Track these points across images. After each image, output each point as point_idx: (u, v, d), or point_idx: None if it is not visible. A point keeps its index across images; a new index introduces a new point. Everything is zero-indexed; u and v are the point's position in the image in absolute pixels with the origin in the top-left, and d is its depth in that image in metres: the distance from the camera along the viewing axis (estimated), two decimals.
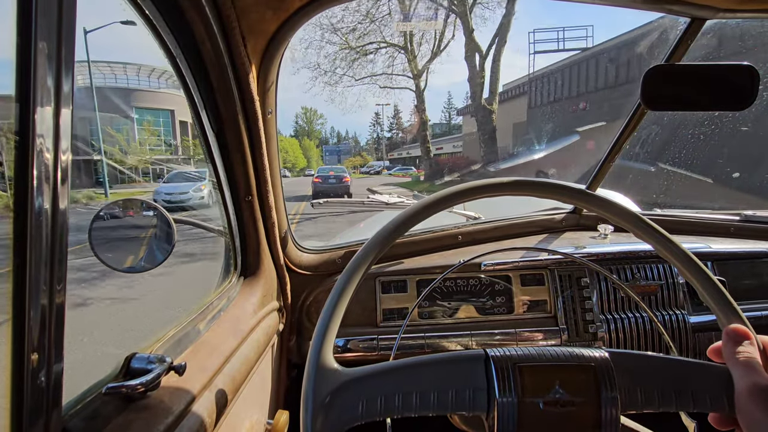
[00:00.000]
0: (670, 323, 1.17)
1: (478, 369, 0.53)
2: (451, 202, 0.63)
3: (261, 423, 0.95)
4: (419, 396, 0.52)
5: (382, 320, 1.21)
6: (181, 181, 11.05)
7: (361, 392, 0.52)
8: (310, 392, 0.51)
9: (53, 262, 0.39)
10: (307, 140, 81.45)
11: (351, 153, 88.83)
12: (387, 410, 0.52)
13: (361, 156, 73.98)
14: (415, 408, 0.52)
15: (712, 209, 1.64)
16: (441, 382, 0.53)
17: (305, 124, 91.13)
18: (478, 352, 0.55)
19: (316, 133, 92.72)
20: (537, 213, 1.55)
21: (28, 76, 0.36)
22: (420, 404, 0.52)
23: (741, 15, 0.97)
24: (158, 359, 0.60)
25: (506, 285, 1.23)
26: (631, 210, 0.62)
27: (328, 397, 0.51)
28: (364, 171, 50.59)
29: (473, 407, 0.52)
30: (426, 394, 0.52)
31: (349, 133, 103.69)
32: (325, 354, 0.54)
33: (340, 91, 31.53)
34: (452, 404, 0.52)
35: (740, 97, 0.91)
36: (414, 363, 0.54)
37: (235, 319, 0.90)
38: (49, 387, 0.40)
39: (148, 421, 0.56)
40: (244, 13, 0.80)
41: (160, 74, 27.22)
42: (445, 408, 0.52)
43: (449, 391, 0.52)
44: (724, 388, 0.51)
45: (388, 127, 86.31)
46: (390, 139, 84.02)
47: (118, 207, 0.87)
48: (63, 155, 0.40)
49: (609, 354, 0.54)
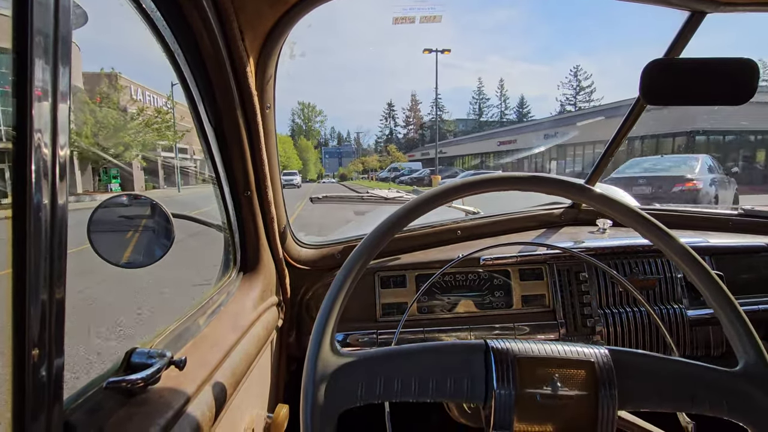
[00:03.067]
0: (668, 317, 1.18)
1: (478, 359, 0.54)
2: (450, 197, 0.63)
3: (261, 417, 0.95)
4: (418, 381, 0.52)
5: (381, 315, 1.21)
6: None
7: (361, 374, 0.52)
8: (311, 372, 0.52)
9: (53, 258, 0.40)
10: (304, 140, 69.90)
11: (353, 156, 78.47)
12: (386, 393, 0.52)
13: (386, 153, 54.58)
14: (414, 393, 0.52)
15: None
16: (440, 369, 0.53)
17: (303, 122, 79.34)
18: (479, 342, 0.55)
19: (314, 133, 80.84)
20: (536, 208, 1.55)
21: (25, 72, 0.36)
22: (418, 389, 0.52)
23: (741, 9, 0.97)
24: (158, 354, 0.61)
25: (505, 279, 1.23)
26: (629, 205, 0.62)
27: (327, 379, 0.52)
28: (382, 177, 38.62)
29: (471, 396, 0.52)
30: (425, 380, 0.52)
31: (350, 134, 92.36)
32: (325, 338, 0.54)
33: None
34: (450, 391, 0.52)
35: (740, 91, 0.91)
36: (414, 349, 0.55)
37: (234, 314, 0.90)
38: (51, 382, 0.41)
39: (149, 415, 0.56)
40: (242, 8, 0.79)
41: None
42: (443, 395, 0.52)
43: (448, 378, 0.52)
44: (724, 392, 0.52)
45: (403, 121, 76.80)
46: (406, 136, 75.37)
47: (117, 202, 0.87)
48: (61, 151, 0.39)
49: (609, 351, 0.54)
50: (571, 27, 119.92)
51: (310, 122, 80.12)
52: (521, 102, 68.29)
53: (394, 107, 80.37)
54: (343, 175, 59.37)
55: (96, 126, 12.12)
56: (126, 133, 12.40)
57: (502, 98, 69.08)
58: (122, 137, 12.32)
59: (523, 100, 68.28)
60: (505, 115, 31.82)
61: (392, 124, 79.06)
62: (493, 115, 45.63)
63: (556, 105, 69.06)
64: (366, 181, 43.43)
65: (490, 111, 68.24)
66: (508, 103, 68.09)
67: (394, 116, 79.17)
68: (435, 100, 67.96)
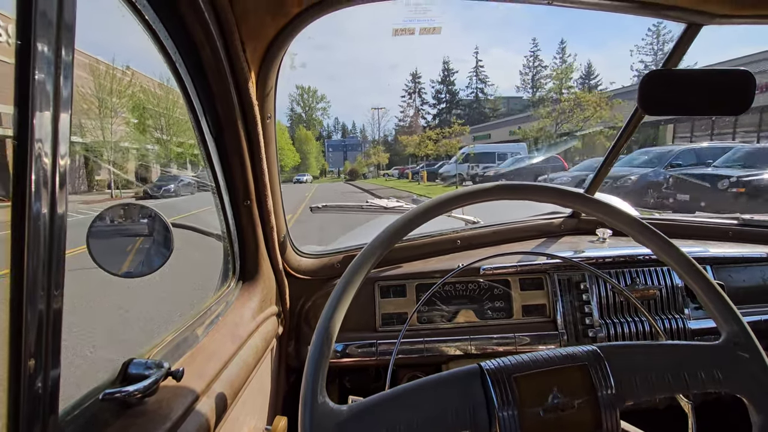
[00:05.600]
0: (669, 328, 1.17)
1: (475, 385, 0.53)
2: (450, 206, 0.63)
3: (259, 429, 0.94)
4: (421, 422, 0.51)
5: (381, 325, 1.21)
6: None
7: (363, 427, 0.51)
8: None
9: (51, 267, 0.39)
10: (303, 130, 56.75)
11: (360, 149, 64.63)
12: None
13: (447, 127, 30.53)
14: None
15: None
16: (440, 404, 0.52)
17: (302, 109, 65.35)
18: (473, 367, 0.55)
19: (316, 121, 66.42)
20: (535, 217, 1.56)
21: (27, 80, 0.36)
22: (422, 430, 0.51)
23: (737, 21, 0.98)
24: (156, 365, 0.60)
25: (505, 289, 1.23)
26: (629, 214, 0.62)
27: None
28: (445, 171, 23.62)
29: (475, 425, 0.52)
30: (427, 419, 0.51)
31: (356, 125, 78.01)
32: (319, 392, 0.51)
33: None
34: (454, 424, 0.51)
35: (737, 102, 0.92)
36: (410, 388, 0.53)
37: (233, 324, 0.89)
38: (46, 393, 0.40)
39: (146, 427, 0.55)
40: (244, 19, 0.80)
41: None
42: (448, 428, 0.51)
43: (449, 411, 0.52)
44: (714, 363, 0.53)
45: (433, 97, 55.82)
46: (438, 117, 54.09)
47: (117, 211, 0.87)
48: (61, 160, 0.40)
49: (599, 349, 0.55)
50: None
51: (310, 110, 66.90)
52: (588, 71, 50.32)
53: (421, 78, 58.43)
54: (353, 170, 45.82)
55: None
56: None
57: (562, 67, 46.07)
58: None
59: (590, 69, 50.54)
60: (570, 88, 23.36)
61: (418, 101, 58.13)
62: (551, 89, 35.37)
63: (630, 75, 51.75)
64: (395, 180, 30.31)
65: (547, 84, 46.08)
66: (569, 71, 51.27)
67: (420, 91, 57.82)
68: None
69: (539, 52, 53.97)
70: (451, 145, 29.32)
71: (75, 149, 11.38)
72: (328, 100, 71.19)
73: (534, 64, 53.14)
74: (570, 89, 19.37)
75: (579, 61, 63.15)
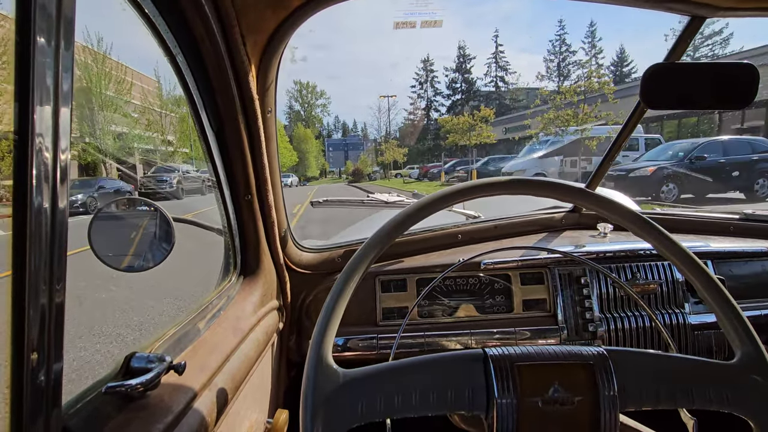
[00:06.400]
0: (669, 322, 1.17)
1: (477, 368, 0.54)
2: (451, 201, 0.63)
3: (261, 422, 0.95)
4: (419, 395, 0.52)
5: (381, 319, 1.21)
6: None
7: (361, 393, 0.52)
8: (310, 393, 0.51)
9: (53, 261, 0.39)
10: (302, 128, 53.00)
11: (361, 148, 61.77)
12: (387, 410, 0.52)
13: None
14: (415, 407, 0.52)
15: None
16: (440, 382, 0.53)
17: (301, 106, 60.71)
18: (477, 351, 0.55)
19: (315, 119, 62.21)
20: (536, 212, 1.55)
21: (28, 75, 0.36)
22: (420, 404, 0.52)
23: (740, 13, 0.97)
24: (158, 358, 0.60)
25: (506, 284, 1.23)
26: (630, 208, 0.62)
27: (327, 399, 0.51)
28: (522, 167, 16.12)
29: (472, 406, 0.52)
30: (425, 394, 0.52)
31: (357, 124, 72.96)
32: (324, 354, 0.54)
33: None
34: (451, 403, 0.52)
35: (740, 95, 0.91)
36: (413, 363, 0.54)
37: (234, 318, 0.90)
38: (49, 386, 0.40)
39: (148, 420, 0.56)
40: (244, 12, 0.80)
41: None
42: (445, 407, 0.52)
43: (448, 390, 0.52)
44: (725, 383, 0.52)
45: (447, 87, 49.72)
46: (451, 109, 47.97)
47: (118, 206, 0.87)
48: (62, 155, 0.40)
49: (607, 352, 0.54)
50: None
51: (309, 107, 62.16)
52: (621, 57, 45.45)
53: (434, 65, 52.51)
54: (357, 170, 42.05)
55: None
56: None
57: (592, 52, 42.32)
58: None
59: (623, 55, 45.52)
60: (601, 77, 17.42)
61: (430, 92, 52.03)
62: (579, 77, 30.20)
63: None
64: (415, 182, 26.27)
65: (575, 72, 43.17)
66: (600, 59, 42.44)
67: (433, 80, 51.74)
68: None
69: (566, 36, 48.26)
70: (483, 136, 25.47)
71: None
72: (328, 96, 67.30)
73: (560, 49, 46.41)
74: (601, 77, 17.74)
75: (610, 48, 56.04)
